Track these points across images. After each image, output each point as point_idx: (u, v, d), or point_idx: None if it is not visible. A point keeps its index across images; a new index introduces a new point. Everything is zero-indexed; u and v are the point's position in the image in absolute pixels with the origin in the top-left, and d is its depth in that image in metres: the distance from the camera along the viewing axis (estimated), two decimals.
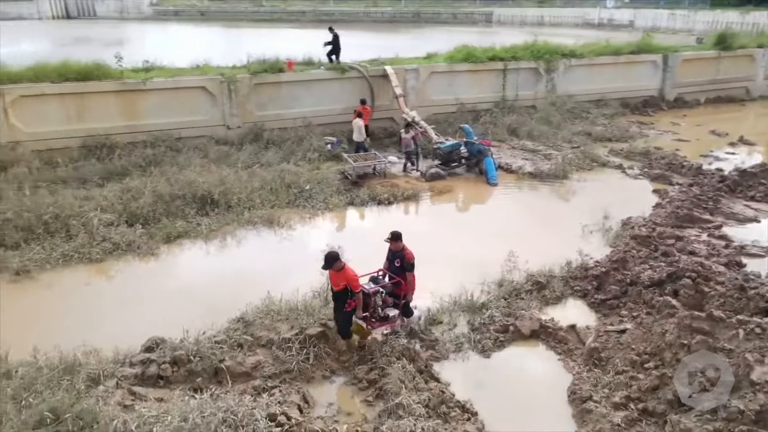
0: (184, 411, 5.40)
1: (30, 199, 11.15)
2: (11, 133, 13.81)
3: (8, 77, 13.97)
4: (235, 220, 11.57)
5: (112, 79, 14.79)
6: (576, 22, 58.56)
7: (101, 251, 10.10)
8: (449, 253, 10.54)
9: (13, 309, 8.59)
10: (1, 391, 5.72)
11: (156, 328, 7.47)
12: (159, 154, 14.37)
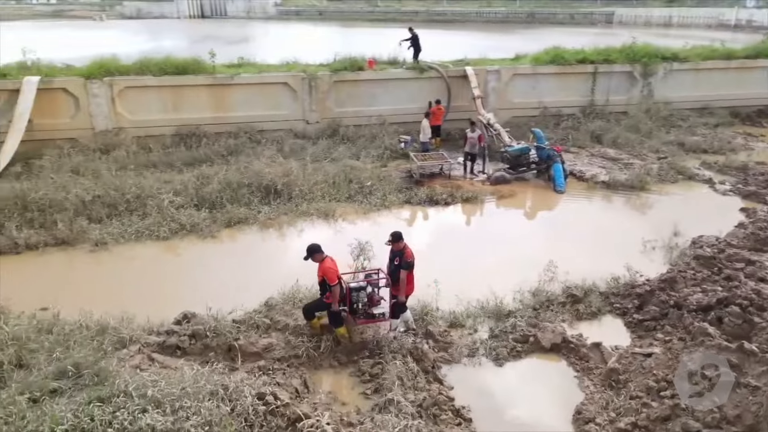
0: (181, 379, 5.89)
1: (118, 180, 12.47)
2: (117, 120, 15.49)
3: (118, 70, 15.65)
4: (293, 210, 12.14)
5: (205, 74, 16.05)
6: (709, 23, 53.74)
7: (168, 230, 11.08)
8: (493, 257, 10.39)
9: (82, 275, 9.76)
10: (40, 344, 6.57)
11: (194, 302, 8.10)
12: (240, 144, 15.41)
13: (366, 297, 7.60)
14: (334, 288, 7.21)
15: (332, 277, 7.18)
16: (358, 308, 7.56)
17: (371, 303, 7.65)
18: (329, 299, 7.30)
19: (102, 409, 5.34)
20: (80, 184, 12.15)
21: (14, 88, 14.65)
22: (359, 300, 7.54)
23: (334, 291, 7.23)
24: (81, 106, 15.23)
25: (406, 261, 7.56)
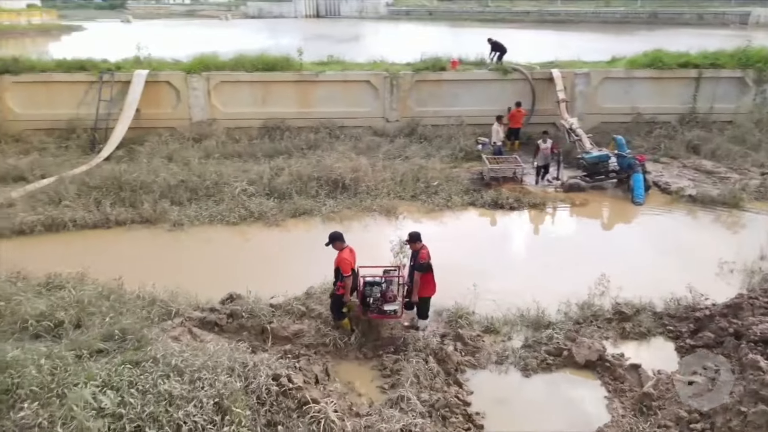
0: (204, 353, 6.34)
1: (202, 167, 13.48)
2: (211, 112, 16.72)
3: (215, 66, 16.87)
4: (357, 205, 12.45)
5: (292, 71, 16.84)
6: None
7: (238, 216, 11.83)
8: (546, 265, 10.06)
9: (157, 251, 10.70)
10: (98, 308, 7.36)
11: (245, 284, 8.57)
12: (319, 139, 16.03)
13: (379, 293, 7.66)
14: (347, 279, 7.36)
15: (346, 268, 7.33)
16: (370, 303, 7.65)
17: (384, 299, 7.68)
18: (341, 290, 7.46)
19: (131, 371, 5.92)
20: (169, 169, 13.30)
21: (126, 80, 16.30)
22: (372, 295, 7.63)
23: (347, 282, 7.39)
24: (181, 97, 16.61)
25: (419, 262, 7.55)
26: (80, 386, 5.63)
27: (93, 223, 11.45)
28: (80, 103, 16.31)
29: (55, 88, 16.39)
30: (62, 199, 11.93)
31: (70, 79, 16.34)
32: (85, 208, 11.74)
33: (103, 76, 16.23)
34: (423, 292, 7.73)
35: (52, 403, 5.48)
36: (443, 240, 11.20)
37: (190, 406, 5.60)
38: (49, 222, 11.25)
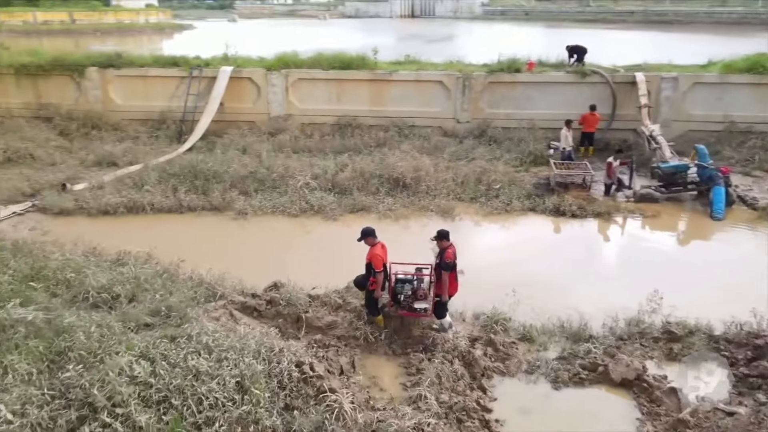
0: (236, 335, 6.70)
1: (271, 159, 14.09)
2: (288, 108, 17.42)
3: (294, 63, 17.54)
4: (414, 204, 12.52)
5: (366, 70, 17.15)
6: None
7: (299, 209, 12.26)
8: (598, 277, 9.63)
9: (220, 237, 11.34)
10: (152, 286, 7.97)
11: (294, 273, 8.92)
12: (388, 137, 16.21)
13: (410, 290, 7.68)
14: (378, 275, 7.44)
15: (378, 263, 7.40)
16: (401, 300, 7.68)
17: (415, 297, 7.68)
18: (373, 285, 7.56)
19: (167, 345, 6.39)
20: (241, 160, 14.03)
21: (213, 76, 17.36)
22: (402, 291, 7.67)
23: (378, 278, 7.46)
24: (261, 93, 17.43)
25: (445, 261, 7.46)
26: (120, 354, 6.17)
27: (168, 208, 12.33)
28: (172, 97, 17.55)
29: (150, 82, 17.77)
30: (144, 185, 12.94)
31: (164, 74, 17.64)
32: (162, 193, 12.66)
33: (193, 72, 17.37)
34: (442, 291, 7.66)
35: (95, 367, 6.03)
36: (496, 243, 11.13)
37: (214, 382, 5.95)
38: (131, 204, 12.25)
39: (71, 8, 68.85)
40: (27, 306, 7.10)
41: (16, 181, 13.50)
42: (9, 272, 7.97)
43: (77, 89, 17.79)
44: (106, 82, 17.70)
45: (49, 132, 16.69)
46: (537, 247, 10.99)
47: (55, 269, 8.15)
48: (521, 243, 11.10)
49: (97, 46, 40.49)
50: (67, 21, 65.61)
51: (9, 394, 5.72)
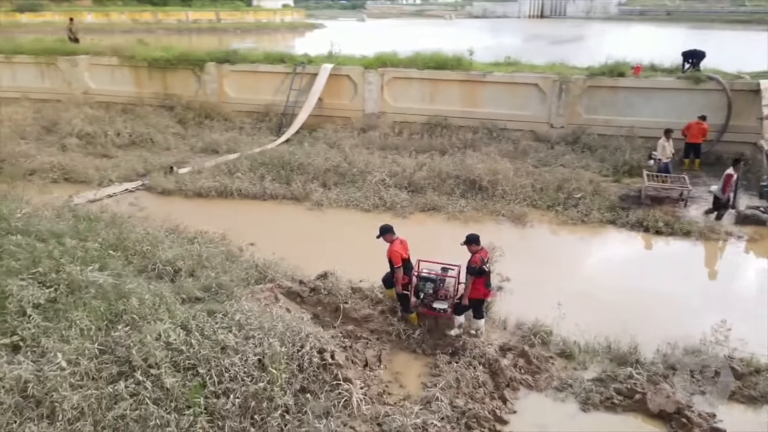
0: (269, 316, 7.13)
1: (354, 155, 14.53)
2: (382, 105, 17.83)
3: (391, 62, 17.90)
4: (486, 207, 12.30)
5: (460, 70, 17.05)
6: None
7: (371, 204, 12.57)
8: (665, 299, 8.86)
9: (293, 225, 11.96)
10: (211, 264, 8.68)
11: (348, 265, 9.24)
12: (476, 139, 16.03)
13: (432, 289, 7.72)
14: (398, 270, 7.56)
15: (396, 259, 7.54)
16: (422, 297, 7.77)
17: (436, 296, 7.71)
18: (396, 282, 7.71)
19: (205, 318, 6.98)
20: (326, 154, 14.63)
21: (314, 73, 18.23)
22: (424, 290, 7.73)
23: (397, 273, 7.57)
24: (358, 91, 18.01)
25: (470, 265, 7.35)
26: (162, 321, 6.84)
27: (253, 194, 13.22)
28: (277, 91, 18.70)
29: (260, 77, 19.07)
30: (236, 171, 13.99)
31: (271, 70, 18.84)
32: (250, 180, 13.60)
33: (297, 69, 18.37)
34: (472, 295, 7.55)
35: (140, 330, 6.76)
36: (561, 254, 10.65)
37: (237, 357, 6.41)
38: (221, 189, 13.30)
39: (218, 8, 75.34)
40: (103, 271, 8.08)
41: (134, 162, 15.20)
42: (98, 240, 9.09)
43: (197, 82, 19.55)
44: (221, 76, 19.27)
45: (170, 120, 18.52)
46: (606, 261, 10.38)
47: (135, 241, 9.16)
48: (589, 256, 10.55)
49: (237, 43, 43.95)
50: (214, 20, 71.81)
51: (68, 345, 6.59)
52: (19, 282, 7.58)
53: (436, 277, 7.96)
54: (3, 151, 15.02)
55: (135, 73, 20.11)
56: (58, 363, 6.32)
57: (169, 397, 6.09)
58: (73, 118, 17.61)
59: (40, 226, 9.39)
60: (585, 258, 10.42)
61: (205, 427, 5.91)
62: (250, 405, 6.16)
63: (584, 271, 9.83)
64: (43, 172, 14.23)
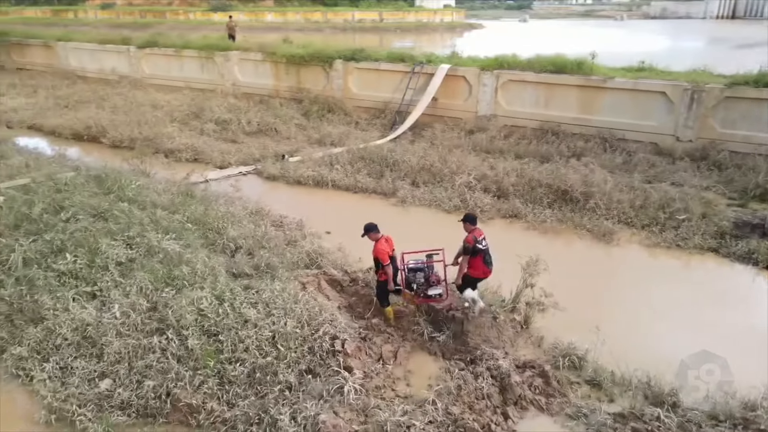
0: (291, 298, 7.60)
1: (450, 155, 14.50)
2: (495, 108, 17.50)
3: (508, 64, 17.45)
4: (572, 221, 11.58)
5: (579, 75, 16.08)
6: None
7: (452, 206, 12.49)
8: (749, 345, 7.69)
9: (371, 218, 12.32)
10: (268, 245, 9.40)
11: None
12: (588, 148, 15.06)
13: (423, 278, 7.90)
14: (386, 267, 7.65)
15: (384, 258, 7.65)
16: (415, 288, 7.92)
17: (428, 284, 7.88)
18: (383, 277, 7.64)
19: (239, 292, 7.67)
20: (425, 153, 14.79)
21: (432, 73, 18.44)
22: (415, 280, 7.92)
23: (387, 270, 7.66)
24: (473, 92, 17.86)
25: (463, 244, 7.66)
26: (202, 290, 7.66)
27: (345, 186, 13.84)
28: (395, 89, 19.23)
29: (381, 75, 19.74)
30: (335, 164, 14.75)
31: (392, 68, 19.39)
32: (346, 173, 14.26)
33: (415, 68, 18.72)
34: (472, 273, 7.71)
35: (184, 294, 7.65)
36: (635, 276, 9.75)
37: (252, 330, 6.99)
38: (318, 179, 14.12)
39: (382, 8, 78.47)
40: (178, 240, 9.20)
41: (254, 149, 16.69)
42: (186, 214, 10.32)
43: (326, 78, 20.82)
44: (347, 73, 20.30)
45: (296, 111, 19.98)
46: (687, 291, 9.23)
47: (214, 218, 10.23)
48: (668, 283, 9.43)
49: (397, 42, 45.54)
50: (377, 19, 74.97)
51: (126, 299, 7.68)
52: (111, 242, 8.95)
53: (423, 265, 8.06)
54: (152, 131, 17.44)
55: (275, 68, 21.97)
56: (113, 313, 7.40)
57: (191, 356, 6.85)
58: (217, 107, 19.79)
59: (146, 197, 10.90)
60: (661, 285, 9.36)
61: (213, 388, 6.56)
62: (256, 376, 6.69)
63: (655, 299, 8.86)
64: (179, 152, 16.29)
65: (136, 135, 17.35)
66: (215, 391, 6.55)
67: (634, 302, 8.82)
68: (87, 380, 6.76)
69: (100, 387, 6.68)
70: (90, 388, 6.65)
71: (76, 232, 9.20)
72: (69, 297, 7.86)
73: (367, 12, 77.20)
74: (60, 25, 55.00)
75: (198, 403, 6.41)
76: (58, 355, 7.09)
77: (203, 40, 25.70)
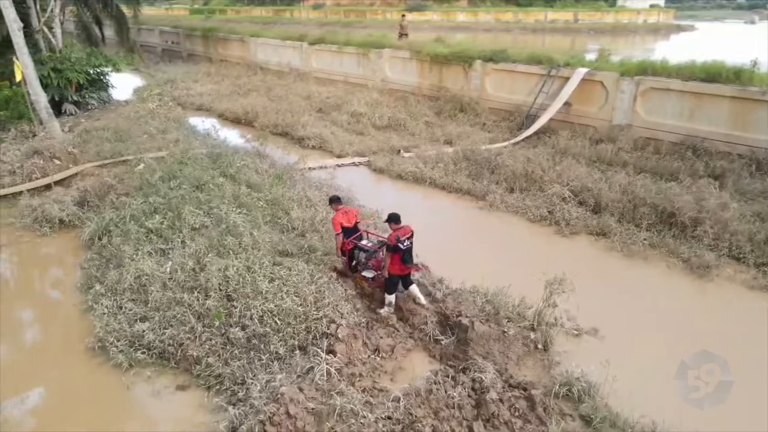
0: (312, 279, 8.07)
1: (556, 164, 13.63)
2: (631, 117, 15.91)
3: (653, 70, 15.68)
4: (668, 247, 10.22)
5: (735, 85, 13.84)
6: None
7: (538, 215, 11.82)
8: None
9: (451, 217, 12.25)
10: (318, 231, 9.97)
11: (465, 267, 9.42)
12: (730, 169, 12.96)
13: (364, 258, 8.54)
14: (337, 237, 8.57)
15: (336, 226, 8.54)
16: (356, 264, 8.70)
17: (366, 265, 8.50)
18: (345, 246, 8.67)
19: (268, 266, 8.38)
20: (534, 159, 14.10)
21: (568, 76, 17.38)
22: (357, 258, 8.67)
23: (337, 239, 8.60)
24: (609, 99, 16.44)
25: (387, 243, 7.90)
26: (237, 259, 8.53)
27: (441, 185, 13.83)
28: (530, 92, 18.48)
29: (516, 77, 19.09)
30: (439, 162, 14.81)
31: (527, 71, 18.64)
32: (446, 172, 14.24)
33: (551, 71, 17.79)
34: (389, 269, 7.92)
35: (217, 260, 8.59)
36: (715, 321, 8.40)
37: (259, 299, 7.64)
38: (418, 175, 14.32)
39: (578, 8, 74.44)
40: (246, 215, 10.26)
41: (375, 142, 17.42)
42: (268, 196, 11.35)
43: (465, 78, 20.76)
44: (485, 73, 20.02)
45: (429, 110, 20.31)
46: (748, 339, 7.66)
47: (288, 199, 11.12)
48: (759, 337, 7.90)
49: (590, 44, 43.21)
50: (571, 20, 71.37)
51: (181, 259, 8.87)
52: (193, 209, 10.31)
53: (370, 248, 8.56)
54: (292, 119, 19.19)
55: (420, 66, 22.50)
56: (165, 268, 8.62)
57: (207, 315, 7.72)
58: (357, 100, 21.00)
59: (243, 175, 12.24)
60: (745, 336, 7.86)
61: (216, 346, 7.35)
62: (253, 342, 7.32)
63: (723, 348, 7.51)
64: (307, 139, 17.73)
65: (279, 122, 19.25)
66: (218, 348, 7.32)
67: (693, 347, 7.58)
68: (130, 320, 7.98)
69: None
70: (129, 327, 7.84)
71: (173, 198, 10.76)
72: (145, 250, 9.31)
73: (562, 12, 73.88)
74: (277, 23, 61.99)
75: (200, 355, 7.23)
76: (119, 296, 8.47)
77: (367, 38, 27.26)
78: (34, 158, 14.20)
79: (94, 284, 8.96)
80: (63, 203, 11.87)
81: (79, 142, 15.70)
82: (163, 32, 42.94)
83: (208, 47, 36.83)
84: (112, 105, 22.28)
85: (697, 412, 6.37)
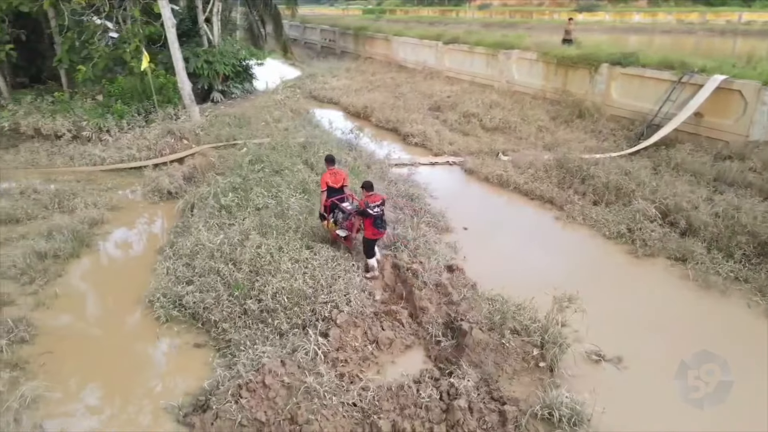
0: (334, 267, 8.38)
1: (653, 179, 12.29)
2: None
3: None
4: (756, 282, 8.78)
5: None
6: None
7: (615, 232, 10.78)
8: None
9: (523, 224, 11.72)
10: None
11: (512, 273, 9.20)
12: None
13: (341, 218, 9.20)
14: (322, 194, 9.32)
15: (322, 184, 9.32)
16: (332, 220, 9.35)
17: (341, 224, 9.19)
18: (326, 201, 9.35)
19: (297, 248, 8.87)
20: (623, 170, 12.91)
21: (701, 84, 15.47)
22: (335, 216, 9.33)
23: (321, 196, 9.32)
24: (747, 111, 14.36)
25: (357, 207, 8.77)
26: (271, 239, 9.15)
27: (525, 191, 13.20)
28: (656, 99, 16.76)
29: (644, 83, 17.37)
30: (530, 168, 14.16)
31: (656, 76, 16.88)
32: (533, 178, 13.57)
33: (684, 77, 15.97)
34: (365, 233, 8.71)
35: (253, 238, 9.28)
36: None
37: (277, 278, 8.18)
38: (504, 179, 13.81)
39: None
40: (307, 201, 10.89)
41: (477, 143, 17.03)
42: None
43: (590, 82, 19.41)
44: (611, 78, 18.54)
45: (545, 114, 19.35)
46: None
47: (351, 190, 11.52)
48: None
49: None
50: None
51: (233, 234, 9.74)
52: (263, 191, 11.22)
53: (348, 211, 9.08)
54: (402, 116, 19.58)
55: (545, 69, 21.51)
56: (214, 241, 9.54)
57: (235, 284, 8.45)
58: (472, 101, 20.76)
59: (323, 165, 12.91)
60: None
61: (233, 314, 8.02)
62: (263, 316, 7.87)
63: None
64: (411, 136, 18.00)
65: (391, 117, 19.79)
66: (234, 316, 7.98)
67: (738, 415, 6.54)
68: (180, 281, 8.95)
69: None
70: (174, 287, 8.82)
71: (251, 179, 11.77)
72: (212, 223, 10.37)
73: (762, 13, 64.77)
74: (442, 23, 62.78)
75: (218, 320, 7.95)
76: (177, 261, 9.54)
77: (501, 38, 26.69)
78: (167, 137, 16.35)
79: (166, 248, 10.19)
80: (173, 177, 13.53)
81: (207, 126, 17.68)
82: (323, 30, 46.08)
83: (358, 45, 38.75)
84: (254, 95, 24.60)
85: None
